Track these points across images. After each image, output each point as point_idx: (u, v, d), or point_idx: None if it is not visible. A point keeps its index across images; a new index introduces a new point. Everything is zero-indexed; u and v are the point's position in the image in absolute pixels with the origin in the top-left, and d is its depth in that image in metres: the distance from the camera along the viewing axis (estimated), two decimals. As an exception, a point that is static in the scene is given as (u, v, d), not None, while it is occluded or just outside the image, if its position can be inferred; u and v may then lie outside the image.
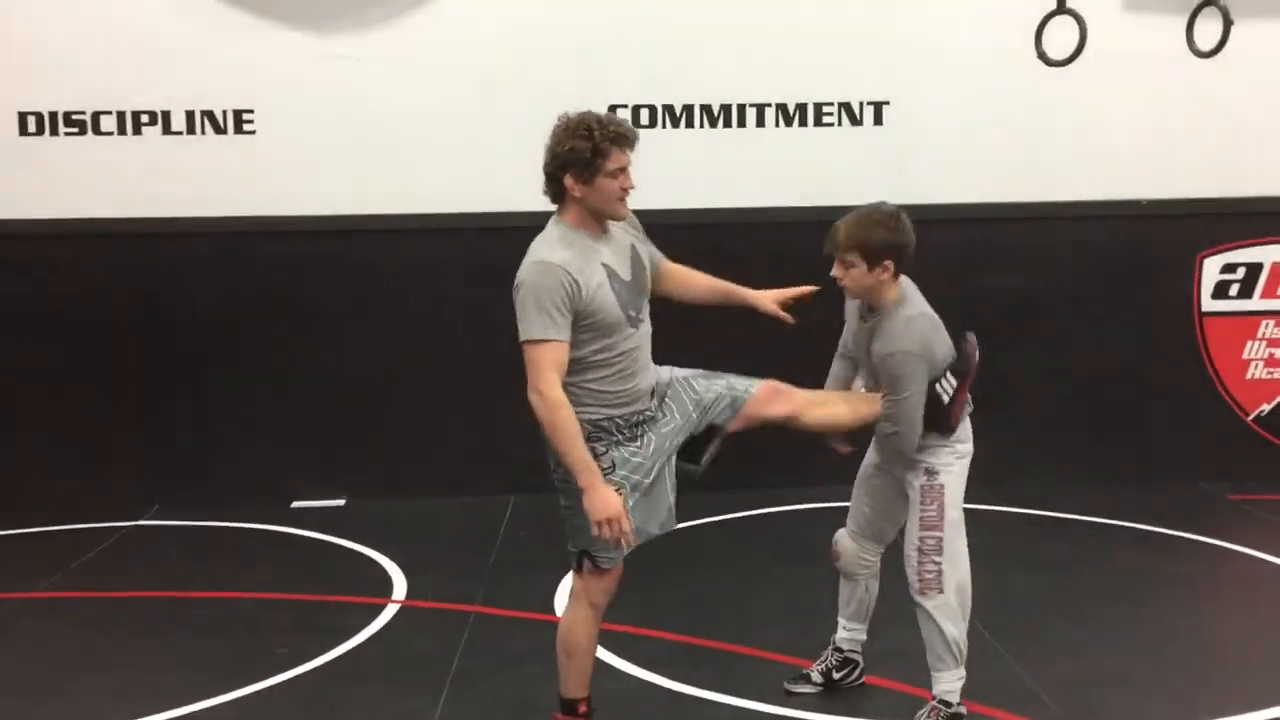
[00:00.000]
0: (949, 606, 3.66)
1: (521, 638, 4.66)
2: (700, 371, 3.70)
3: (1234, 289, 6.82)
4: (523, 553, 5.75)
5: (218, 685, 4.18)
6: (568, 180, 3.40)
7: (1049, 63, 5.26)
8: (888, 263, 3.56)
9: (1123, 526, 5.99)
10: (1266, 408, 6.89)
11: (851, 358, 3.89)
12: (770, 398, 3.65)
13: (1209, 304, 6.82)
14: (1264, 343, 6.86)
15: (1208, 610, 5.04)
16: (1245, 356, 6.87)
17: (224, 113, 6.48)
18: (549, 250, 3.38)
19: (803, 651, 4.25)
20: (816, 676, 4.06)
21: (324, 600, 5.14)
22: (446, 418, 6.71)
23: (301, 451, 6.68)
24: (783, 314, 3.79)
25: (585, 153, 3.34)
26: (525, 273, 3.39)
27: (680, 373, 3.66)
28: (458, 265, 6.67)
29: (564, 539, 3.54)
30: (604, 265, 3.40)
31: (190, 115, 6.47)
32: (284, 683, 4.24)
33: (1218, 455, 6.80)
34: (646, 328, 3.53)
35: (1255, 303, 6.83)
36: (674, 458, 3.57)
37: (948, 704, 3.70)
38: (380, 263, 6.64)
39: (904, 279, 3.69)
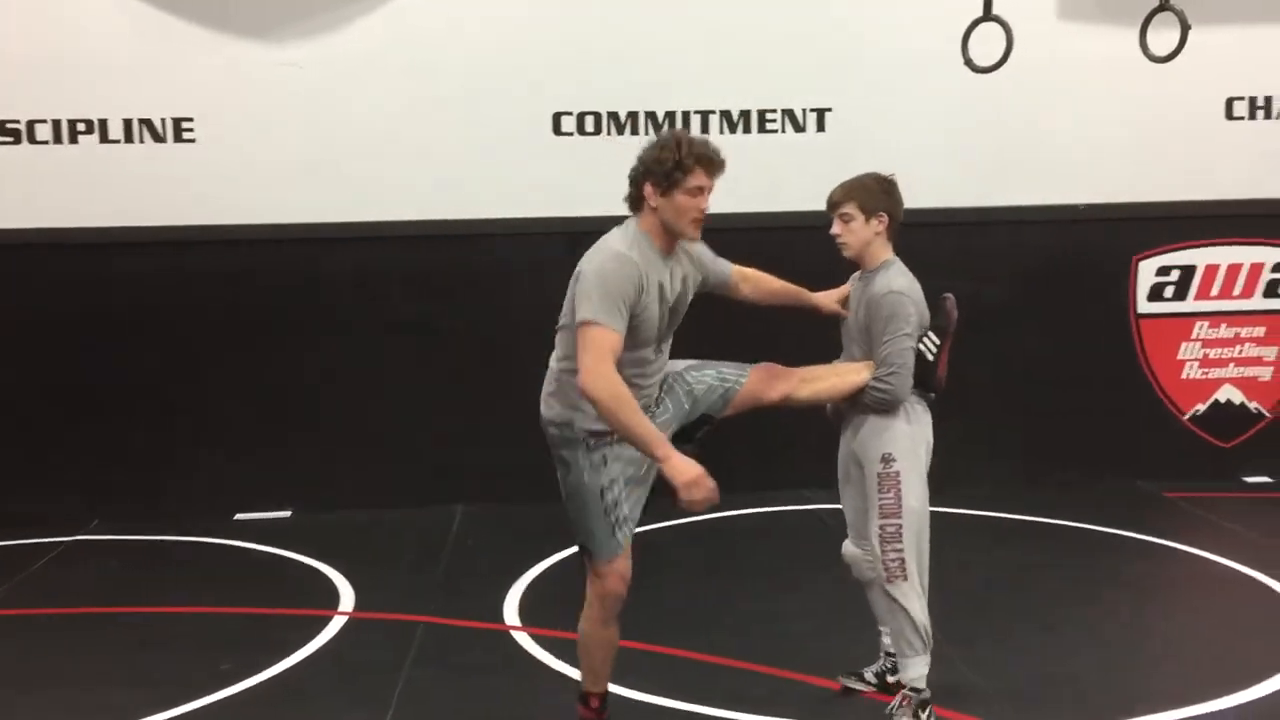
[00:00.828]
0: (915, 591, 3.74)
1: (471, 648, 4.65)
2: (693, 362, 3.76)
3: (1169, 291, 6.97)
4: (472, 563, 5.73)
5: (161, 702, 4.12)
6: (647, 188, 3.48)
7: (975, 69, 5.33)
8: (882, 214, 3.79)
9: (1062, 525, 6.09)
10: (1201, 407, 7.04)
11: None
12: (763, 384, 3.74)
13: (1144, 306, 6.96)
14: (1198, 343, 7.01)
15: (1149, 606, 5.14)
16: (1180, 357, 7.01)
17: (163, 121, 6.40)
18: (626, 247, 3.44)
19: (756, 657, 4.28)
20: (871, 677, 4.06)
21: (270, 614, 5.09)
22: (393, 428, 6.66)
23: (246, 463, 6.60)
24: (843, 310, 3.97)
25: (668, 164, 3.43)
26: (599, 258, 3.43)
27: (676, 365, 3.71)
28: (405, 274, 6.63)
29: (513, 549, 3.55)
30: (659, 283, 3.46)
31: (128, 124, 6.38)
32: (229, 698, 4.19)
33: (1154, 454, 6.94)
34: (665, 356, 3.62)
35: (1189, 304, 6.97)
36: None
37: (917, 690, 3.76)
38: (324, 272, 6.59)
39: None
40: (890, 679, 4.04)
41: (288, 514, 6.56)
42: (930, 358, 3.81)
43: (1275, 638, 4.56)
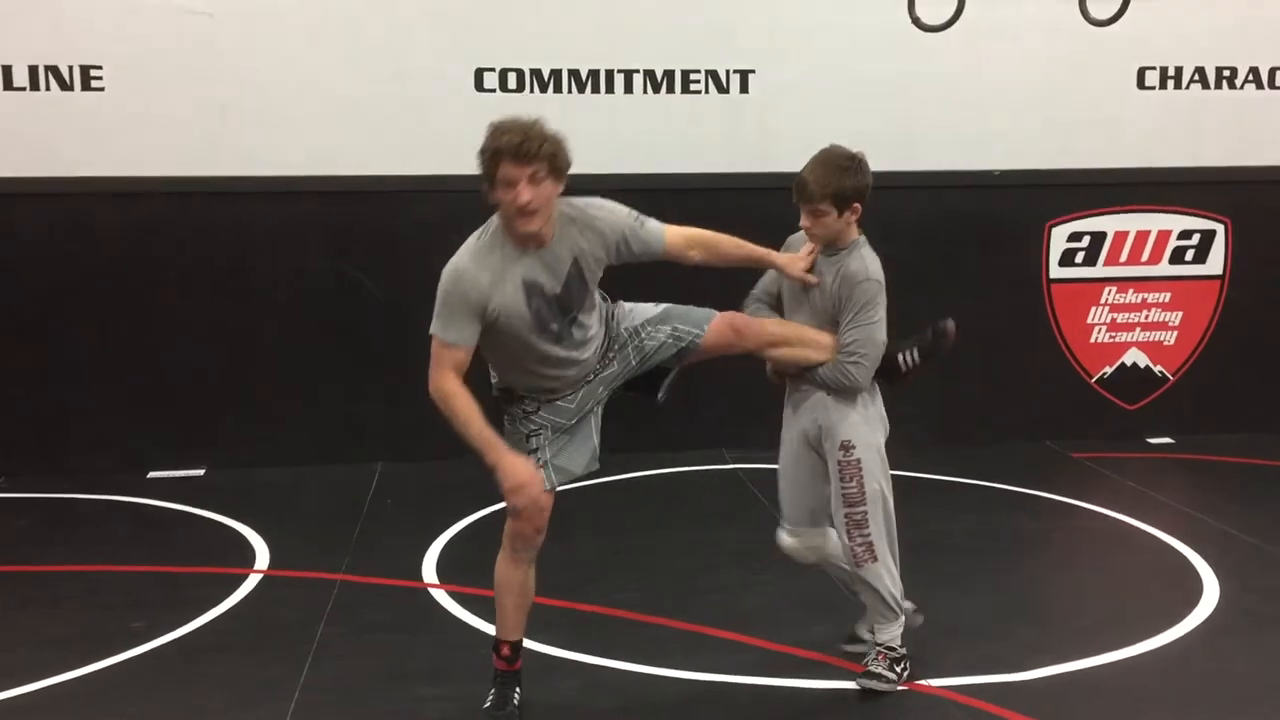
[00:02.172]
0: (886, 570, 3.82)
1: (387, 606, 4.64)
2: (656, 313, 3.69)
3: (1079, 257, 7.12)
4: (389, 521, 5.71)
5: (66, 661, 4.06)
6: (484, 188, 3.38)
7: (923, 28, 5.33)
8: (856, 205, 3.67)
9: (973, 484, 6.24)
10: (1109, 370, 7.23)
11: (769, 304, 3.93)
12: (724, 337, 3.69)
13: (1056, 271, 7.11)
14: (1107, 308, 7.18)
15: (1052, 563, 5.29)
16: (1089, 321, 7.18)
17: (70, 69, 6.21)
18: (468, 257, 3.41)
19: (671, 612, 4.34)
20: (865, 634, 4.06)
21: (183, 572, 5.03)
22: (309, 385, 6.60)
23: (157, 420, 6.49)
24: (809, 277, 3.80)
25: (481, 159, 3.34)
26: (444, 272, 3.42)
27: (638, 316, 3.67)
28: (319, 230, 6.54)
29: (432, 507, 3.55)
30: (522, 279, 3.37)
31: (34, 70, 6.18)
32: (140, 656, 4.15)
33: (1063, 416, 7.12)
34: (585, 338, 3.52)
35: (1099, 270, 7.14)
36: (600, 403, 3.64)
37: (891, 648, 3.86)
38: (238, 226, 6.47)
39: None
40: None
41: (201, 472, 6.47)
42: (903, 369, 3.83)
43: (1171, 593, 4.72)
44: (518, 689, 3.67)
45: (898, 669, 3.86)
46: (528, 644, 3.81)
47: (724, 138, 6.67)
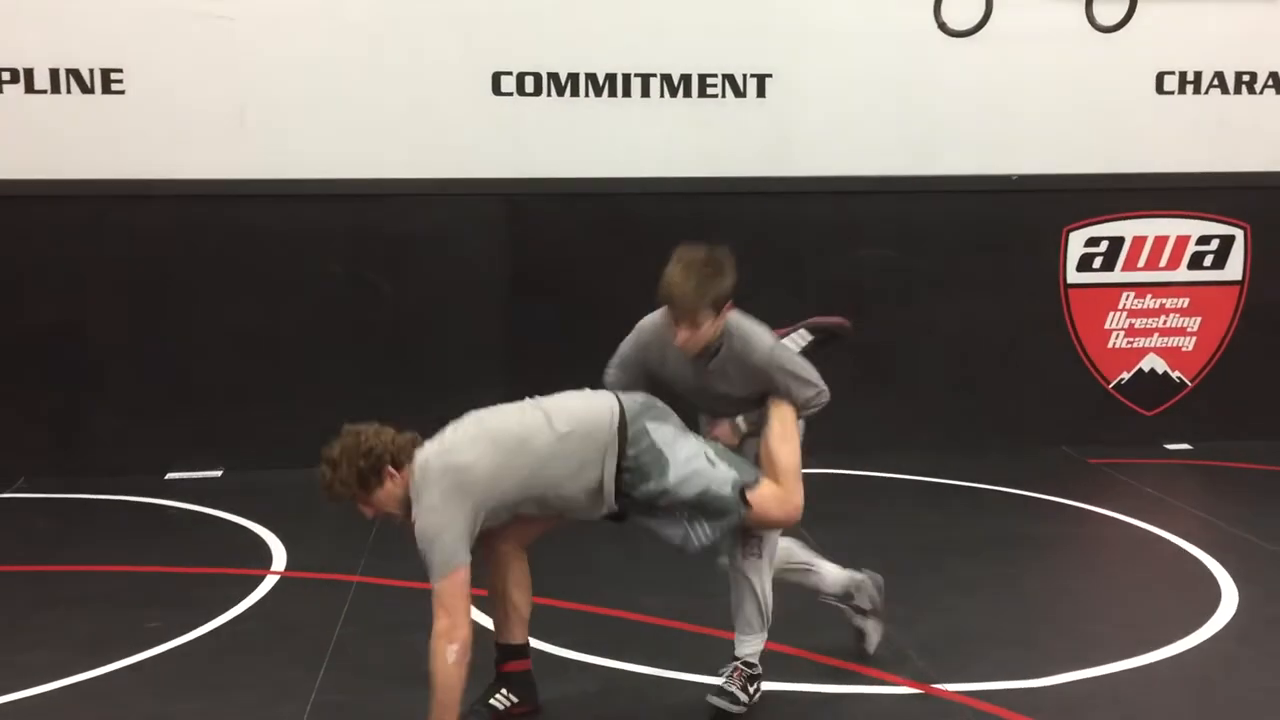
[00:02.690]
0: (765, 569, 3.71)
1: (403, 607, 4.64)
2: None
3: (1097, 262, 7.10)
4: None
5: (85, 661, 4.08)
6: None
7: (949, 33, 5.31)
8: (729, 301, 3.52)
9: (989, 490, 6.22)
10: (1126, 376, 7.20)
11: (632, 376, 3.78)
12: (765, 511, 3.50)
13: (1074, 276, 7.08)
14: (1124, 313, 7.16)
15: (1069, 569, 5.26)
16: (1107, 326, 7.16)
17: (91, 71, 6.26)
18: None
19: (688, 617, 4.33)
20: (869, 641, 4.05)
21: (201, 572, 5.05)
22: (326, 386, 6.61)
23: (176, 422, 6.53)
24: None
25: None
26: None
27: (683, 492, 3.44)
28: (335, 232, 6.57)
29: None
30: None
31: (55, 73, 6.23)
32: (157, 656, 4.17)
33: (1080, 421, 7.10)
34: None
35: (1117, 275, 7.12)
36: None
37: (750, 665, 3.72)
38: (257, 229, 6.50)
39: None
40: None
41: (219, 473, 6.50)
42: (795, 349, 3.73)
43: (1189, 600, 4.70)
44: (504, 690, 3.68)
45: (751, 689, 3.70)
46: (544, 646, 3.81)
47: (741, 142, 6.68)
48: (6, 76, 6.20)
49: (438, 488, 3.32)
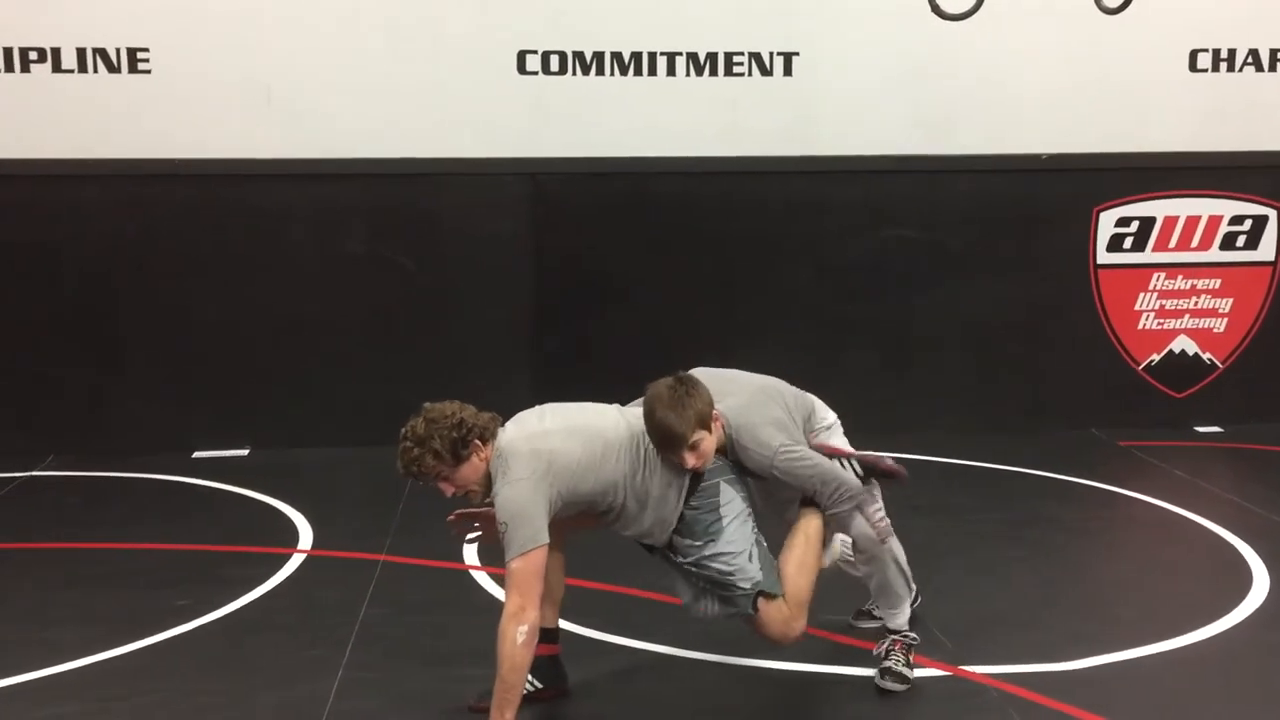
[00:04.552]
0: (894, 539, 3.80)
1: (429, 587, 4.67)
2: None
3: (1128, 242, 7.02)
4: (430, 502, 5.67)
5: (113, 638, 4.11)
6: None
7: (944, 16, 5.29)
8: (715, 413, 3.46)
9: (1018, 472, 6.18)
10: (1156, 357, 7.13)
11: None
12: (769, 625, 3.47)
13: (1104, 256, 7.01)
14: (1155, 294, 7.08)
15: (1097, 551, 5.23)
16: (1137, 308, 7.08)
17: (118, 50, 6.26)
18: None
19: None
20: (879, 612, 4.03)
21: (227, 551, 5.08)
22: (351, 366, 6.64)
23: (202, 400, 6.56)
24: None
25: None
26: None
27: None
28: (361, 211, 6.58)
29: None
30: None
31: (81, 53, 6.24)
32: (185, 634, 4.19)
33: (1109, 403, 7.04)
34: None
35: (1147, 255, 7.04)
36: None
37: (908, 634, 3.80)
38: (282, 208, 6.51)
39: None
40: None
41: (246, 452, 6.53)
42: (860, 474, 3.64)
43: (1219, 584, 4.65)
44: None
45: (909, 657, 3.78)
46: (569, 626, 3.80)
47: (766, 120, 6.63)
48: (34, 56, 6.22)
49: (527, 468, 3.31)
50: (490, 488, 3.41)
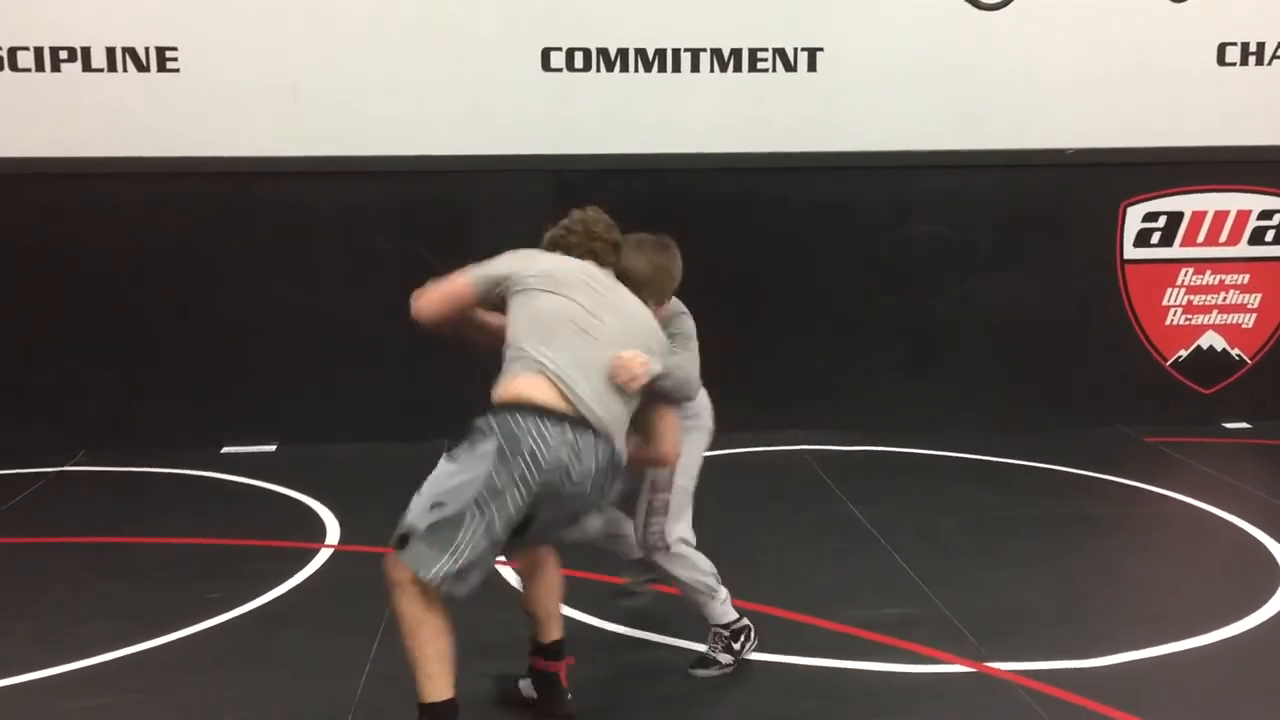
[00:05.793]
0: (679, 558, 3.80)
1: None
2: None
3: (1155, 237, 6.98)
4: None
5: (144, 631, 4.16)
6: None
7: (980, 6, 5.27)
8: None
9: (1044, 468, 6.15)
10: (1183, 353, 7.09)
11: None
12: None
13: (1131, 252, 6.97)
14: (1183, 290, 7.04)
15: (1124, 548, 5.20)
16: (1165, 303, 7.04)
17: (146, 50, 6.32)
18: None
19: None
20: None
21: (256, 545, 5.12)
22: (378, 362, 6.67)
23: (231, 396, 6.61)
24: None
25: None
26: None
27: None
28: (388, 208, 6.61)
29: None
30: None
31: (111, 52, 6.30)
32: (215, 627, 4.24)
33: (1136, 399, 7.00)
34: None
35: (1175, 251, 6.99)
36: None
37: (724, 626, 3.85)
38: (309, 205, 6.55)
39: None
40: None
41: (273, 447, 6.58)
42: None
43: (1247, 581, 4.63)
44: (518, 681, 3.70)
45: (736, 645, 3.85)
46: (591, 621, 3.82)
47: (790, 117, 6.62)
48: (64, 55, 6.28)
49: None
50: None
